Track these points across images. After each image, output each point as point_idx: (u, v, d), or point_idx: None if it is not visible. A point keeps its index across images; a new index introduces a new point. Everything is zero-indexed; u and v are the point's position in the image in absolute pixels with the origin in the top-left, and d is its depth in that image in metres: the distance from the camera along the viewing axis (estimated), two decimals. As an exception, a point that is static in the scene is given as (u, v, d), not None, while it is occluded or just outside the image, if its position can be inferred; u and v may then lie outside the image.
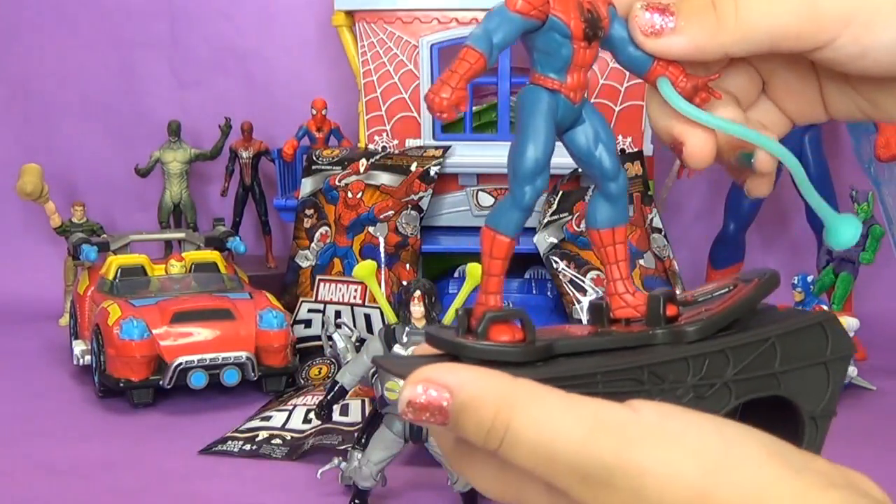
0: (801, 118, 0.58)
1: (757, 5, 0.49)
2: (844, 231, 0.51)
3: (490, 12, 0.48)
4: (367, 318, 2.04)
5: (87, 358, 1.96)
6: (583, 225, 1.81)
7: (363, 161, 2.15)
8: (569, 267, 1.99)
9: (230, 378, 1.81)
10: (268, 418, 1.71)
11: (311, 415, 1.66)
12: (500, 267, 0.50)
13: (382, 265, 2.05)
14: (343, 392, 1.41)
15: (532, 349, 0.48)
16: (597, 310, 0.53)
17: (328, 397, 1.41)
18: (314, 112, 2.38)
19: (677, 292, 0.52)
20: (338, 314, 2.07)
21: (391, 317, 1.47)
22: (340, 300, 2.09)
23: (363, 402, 1.67)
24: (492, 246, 0.50)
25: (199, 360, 1.80)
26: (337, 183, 2.15)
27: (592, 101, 2.52)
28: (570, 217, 2.02)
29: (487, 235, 0.50)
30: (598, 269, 1.99)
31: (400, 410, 0.44)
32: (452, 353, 0.48)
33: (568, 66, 0.50)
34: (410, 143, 2.18)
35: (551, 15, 0.48)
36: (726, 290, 0.53)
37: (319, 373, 1.95)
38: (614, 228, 0.52)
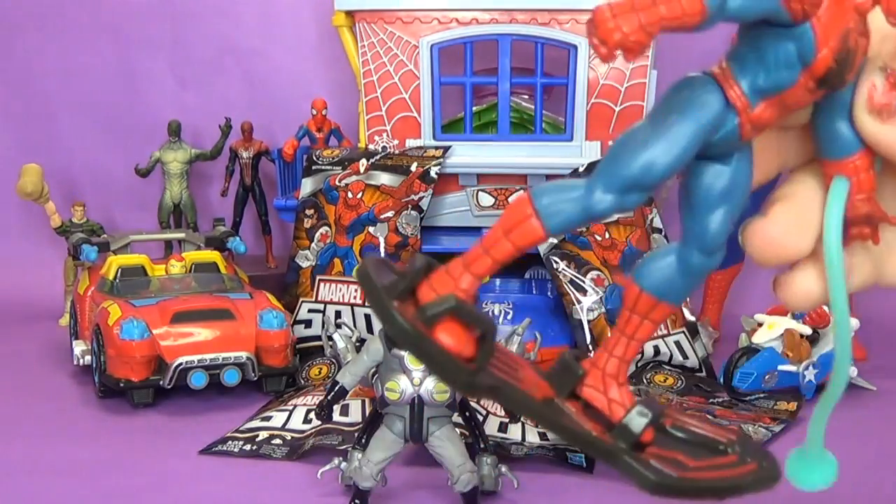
0: None
1: None
2: (815, 474, 0.43)
3: None
4: (367, 318, 2.04)
5: (88, 358, 1.96)
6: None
7: (363, 161, 2.15)
8: (569, 267, 1.99)
9: (230, 378, 1.81)
10: (268, 418, 1.71)
11: (312, 415, 1.65)
12: (511, 251, 0.36)
13: (382, 265, 2.05)
14: (343, 392, 1.40)
15: (473, 381, 0.36)
16: (564, 365, 0.40)
17: (328, 397, 1.41)
18: (314, 112, 2.38)
19: (664, 403, 0.43)
20: (338, 314, 2.07)
21: (391, 317, 1.47)
22: (340, 300, 2.09)
23: (363, 402, 1.67)
24: (519, 226, 0.35)
25: (199, 360, 1.80)
26: (337, 183, 2.15)
27: (592, 101, 2.47)
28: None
29: (524, 204, 0.36)
30: (599, 269, 1.99)
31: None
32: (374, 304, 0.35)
33: (774, 94, 0.36)
34: (410, 143, 2.18)
35: (810, 23, 0.34)
36: (720, 447, 0.41)
37: (319, 373, 1.95)
38: (660, 302, 0.39)
